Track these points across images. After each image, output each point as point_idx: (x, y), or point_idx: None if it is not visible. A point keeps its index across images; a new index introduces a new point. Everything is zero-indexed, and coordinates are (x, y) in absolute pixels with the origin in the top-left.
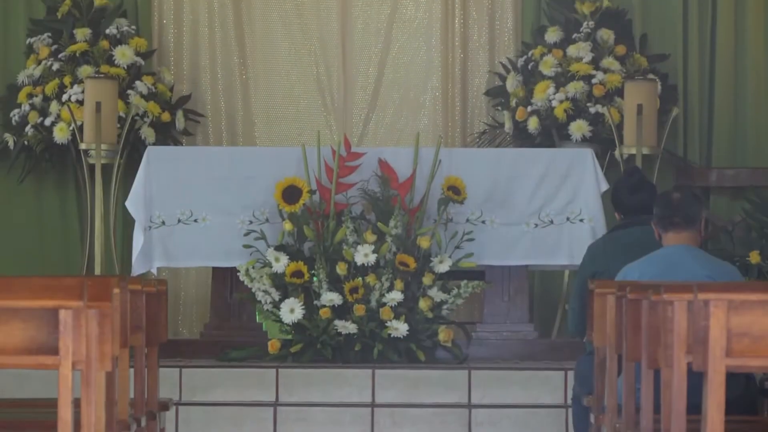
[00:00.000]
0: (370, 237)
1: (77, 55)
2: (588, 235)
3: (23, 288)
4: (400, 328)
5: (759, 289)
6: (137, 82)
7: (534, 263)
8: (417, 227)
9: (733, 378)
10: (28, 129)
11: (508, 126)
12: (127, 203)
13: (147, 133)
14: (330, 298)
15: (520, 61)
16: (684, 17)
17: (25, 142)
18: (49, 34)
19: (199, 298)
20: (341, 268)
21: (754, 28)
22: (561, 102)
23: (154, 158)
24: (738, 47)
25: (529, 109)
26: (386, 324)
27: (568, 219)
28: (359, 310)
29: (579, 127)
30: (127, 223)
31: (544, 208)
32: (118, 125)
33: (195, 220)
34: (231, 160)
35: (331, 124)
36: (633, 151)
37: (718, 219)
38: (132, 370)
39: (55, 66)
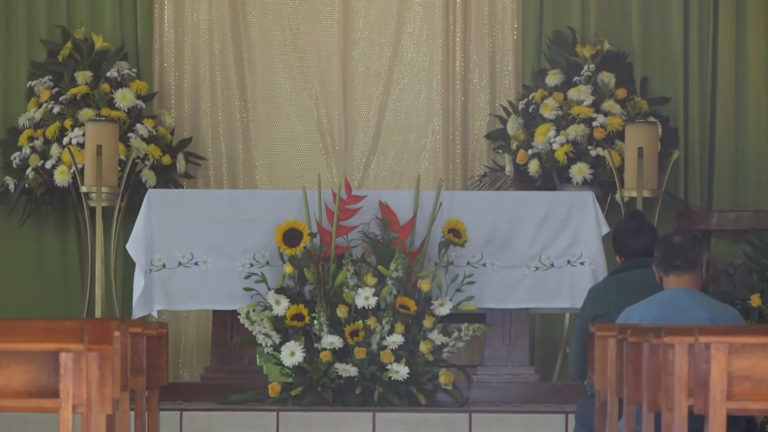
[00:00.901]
0: (371, 280)
1: (78, 98)
2: (589, 278)
3: (24, 331)
4: (400, 371)
5: (760, 332)
6: (138, 125)
7: (535, 306)
8: (418, 270)
9: (733, 420)
10: (29, 172)
11: (508, 169)
12: (127, 246)
13: (148, 176)
14: (330, 341)
15: (521, 104)
16: (685, 60)
17: (26, 185)
18: (50, 77)
19: (200, 340)
20: (342, 311)
21: (755, 71)
22: (562, 145)
23: (155, 201)
24: (738, 90)
25: (530, 152)
26: (387, 367)
27: (569, 262)
28: (360, 353)
29: (580, 170)
30: (128, 265)
31: (545, 251)
32: (119, 168)
33: (196, 263)
34: (231, 202)
35: (332, 167)
36: (634, 194)
37: (719, 262)
38: (132, 413)
39: (56, 109)
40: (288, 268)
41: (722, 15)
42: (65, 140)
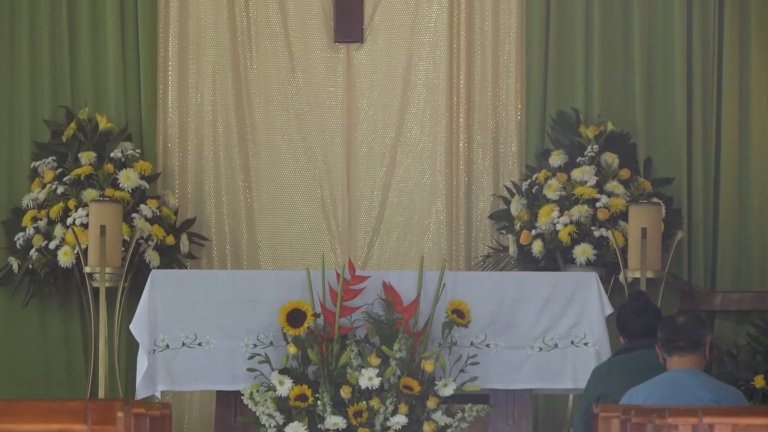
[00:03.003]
0: (375, 360)
1: (82, 178)
2: (593, 359)
3: (27, 411)
4: None
5: (764, 413)
6: (142, 206)
7: (538, 387)
8: (421, 351)
9: None
10: (33, 252)
11: (512, 249)
12: (131, 326)
13: (151, 256)
14: (334, 421)
15: (525, 185)
16: (688, 141)
17: (30, 266)
18: (54, 157)
19: (204, 421)
20: (345, 392)
21: (758, 152)
22: (565, 225)
23: (159, 281)
24: (742, 171)
25: (534, 232)
26: None
27: (572, 343)
28: None
29: (583, 251)
30: (131, 346)
31: (549, 332)
32: (123, 249)
33: (199, 344)
34: (235, 283)
35: (336, 248)
36: (637, 274)
37: (722, 343)
38: None
39: (60, 189)
40: (291, 349)
41: (725, 96)
42: (69, 221)
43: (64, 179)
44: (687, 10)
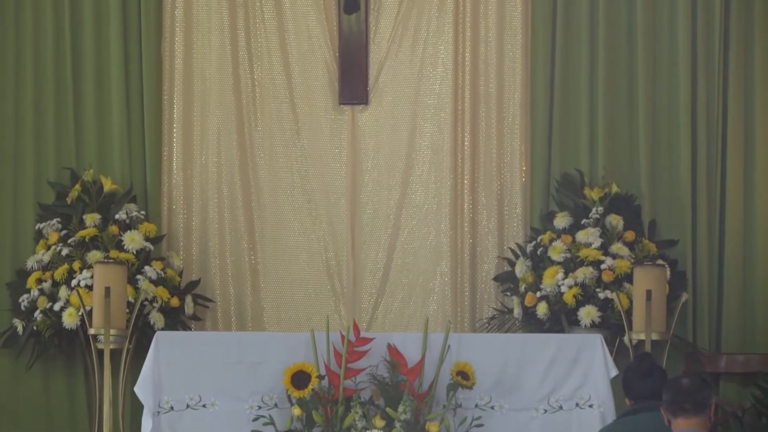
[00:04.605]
0: (379, 422)
1: (86, 240)
2: (597, 421)
3: None
4: None
5: None
6: (146, 267)
7: None
8: (426, 413)
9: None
10: (37, 314)
11: (517, 311)
12: (135, 388)
13: (156, 318)
14: None
15: (529, 247)
16: (693, 203)
17: (34, 328)
18: (59, 219)
19: None
20: None
21: (763, 214)
22: (570, 287)
23: (163, 343)
24: (747, 234)
25: (538, 294)
26: None
27: (577, 405)
28: None
29: (588, 313)
30: (136, 408)
31: (554, 394)
32: (127, 310)
33: (203, 406)
34: (239, 345)
35: (341, 309)
36: (642, 336)
37: (727, 405)
38: None
39: (65, 251)
40: (296, 411)
41: (730, 159)
42: (73, 282)
43: (69, 241)
44: (692, 71)
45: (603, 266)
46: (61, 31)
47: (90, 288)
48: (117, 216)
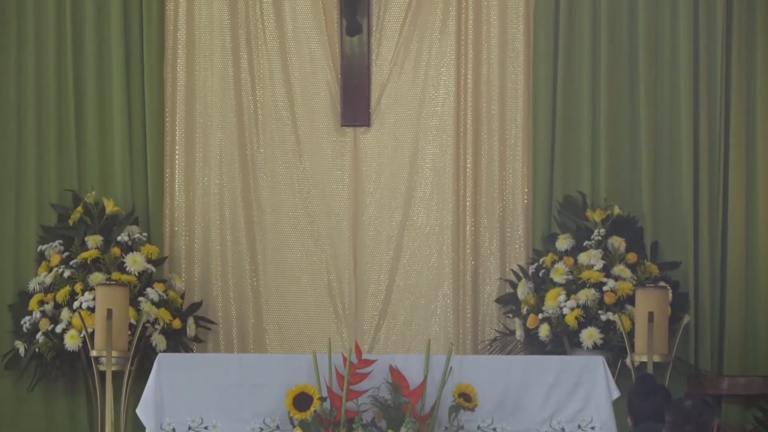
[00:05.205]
0: None
1: (88, 262)
2: None
3: None
4: None
5: None
6: (148, 289)
7: None
8: None
9: None
10: (39, 336)
11: (519, 333)
12: (137, 410)
13: (158, 340)
14: None
15: (531, 269)
16: (694, 225)
17: (36, 350)
18: (61, 241)
19: None
20: None
21: (764, 237)
22: (572, 309)
23: (165, 365)
24: (749, 256)
25: (541, 316)
26: None
27: (579, 427)
28: None
29: (590, 335)
30: (138, 430)
31: (556, 416)
32: (129, 332)
33: (205, 428)
34: (241, 367)
35: (342, 331)
36: (644, 358)
37: (729, 427)
38: None
39: (67, 273)
40: None
41: (732, 180)
42: (75, 304)
43: (71, 263)
44: (694, 96)
45: (605, 288)
46: (63, 53)
47: (92, 310)
48: (119, 238)
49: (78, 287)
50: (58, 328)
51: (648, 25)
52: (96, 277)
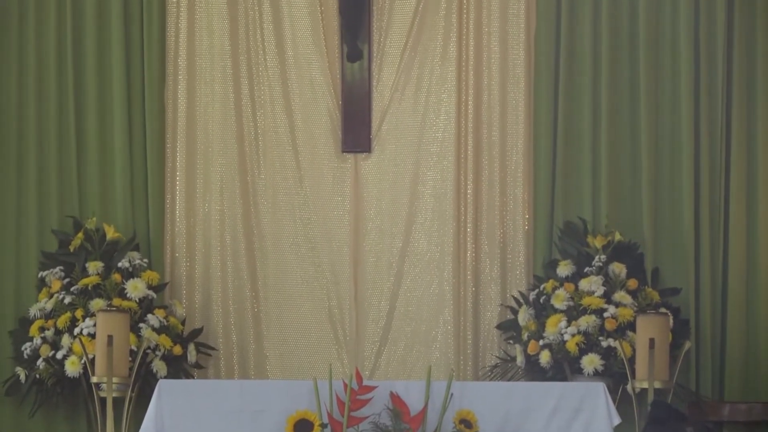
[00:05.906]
0: None
1: (89, 288)
2: None
3: None
4: None
5: None
6: (149, 315)
7: None
8: None
9: None
10: (40, 362)
11: (520, 360)
12: None
13: (159, 366)
14: None
15: (532, 295)
16: (696, 251)
17: (37, 376)
18: (61, 267)
19: None
20: None
21: (766, 263)
22: (573, 336)
23: (166, 391)
24: (750, 282)
25: (541, 342)
26: None
27: None
28: None
29: (591, 361)
30: None
31: None
32: (130, 358)
33: None
34: (242, 393)
35: (343, 357)
36: (645, 385)
37: None
38: None
39: (67, 299)
40: None
41: (733, 207)
42: (76, 330)
43: (72, 289)
44: (695, 124)
45: (606, 314)
46: (64, 80)
47: (93, 336)
48: (120, 264)
49: (79, 313)
50: (59, 355)
51: (649, 54)
52: (97, 304)
